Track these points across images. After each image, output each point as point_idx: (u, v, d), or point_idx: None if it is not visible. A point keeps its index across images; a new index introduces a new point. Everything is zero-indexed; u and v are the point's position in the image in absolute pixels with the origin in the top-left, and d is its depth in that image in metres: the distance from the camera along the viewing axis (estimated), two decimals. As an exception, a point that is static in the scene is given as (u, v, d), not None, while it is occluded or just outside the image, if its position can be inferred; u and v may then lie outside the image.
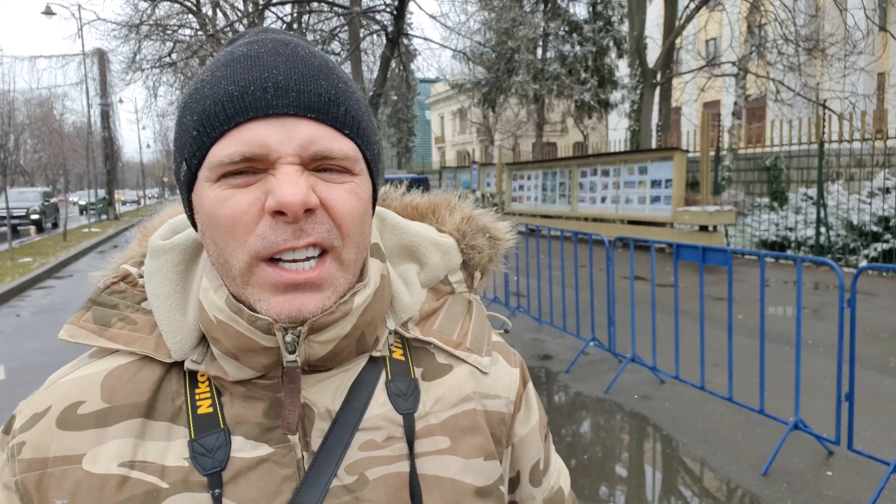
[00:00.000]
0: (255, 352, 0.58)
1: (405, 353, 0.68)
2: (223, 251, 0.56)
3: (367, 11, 10.99)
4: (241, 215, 0.55)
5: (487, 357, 0.70)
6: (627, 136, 17.76)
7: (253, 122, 0.55)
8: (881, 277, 9.16)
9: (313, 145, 0.56)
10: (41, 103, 38.35)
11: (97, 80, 30.24)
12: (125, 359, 0.63)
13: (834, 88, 15.46)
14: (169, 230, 0.67)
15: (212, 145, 0.56)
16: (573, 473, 3.65)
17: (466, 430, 0.66)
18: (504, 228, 0.77)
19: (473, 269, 0.75)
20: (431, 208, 0.77)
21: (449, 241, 0.73)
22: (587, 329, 5.80)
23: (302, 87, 0.56)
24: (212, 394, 0.61)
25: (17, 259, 13.63)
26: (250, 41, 0.59)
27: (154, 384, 0.61)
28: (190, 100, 0.58)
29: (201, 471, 0.58)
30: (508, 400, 0.70)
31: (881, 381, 4.92)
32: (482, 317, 0.74)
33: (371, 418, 0.63)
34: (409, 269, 0.71)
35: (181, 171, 0.59)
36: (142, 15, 13.95)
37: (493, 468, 0.67)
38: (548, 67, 21.84)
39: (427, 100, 47.38)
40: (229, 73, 0.56)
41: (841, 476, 3.48)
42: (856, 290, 3.31)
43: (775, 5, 14.99)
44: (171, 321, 0.62)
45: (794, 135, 13.00)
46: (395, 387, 0.65)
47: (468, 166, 20.84)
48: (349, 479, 0.60)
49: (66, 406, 0.60)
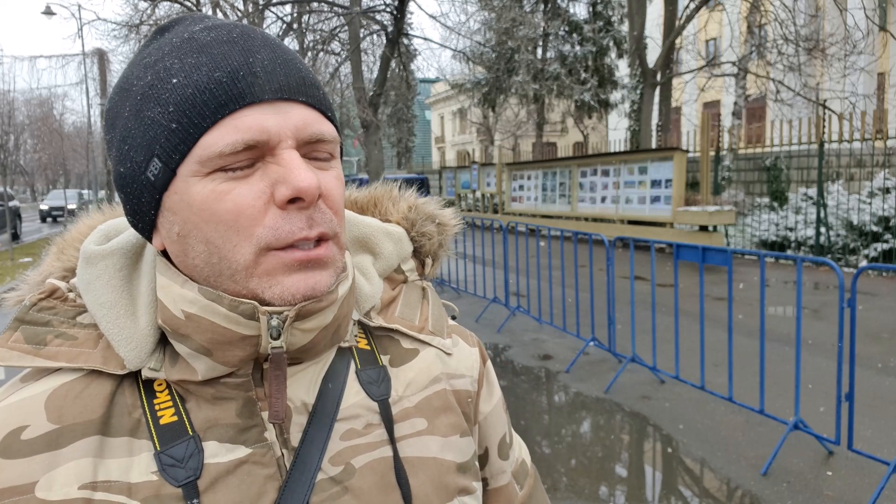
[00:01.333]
0: (232, 343, 0.55)
1: (369, 342, 0.68)
2: (221, 248, 0.53)
3: (367, 11, 10.99)
4: (245, 209, 0.53)
5: (449, 339, 0.72)
6: (627, 136, 17.76)
7: (248, 108, 0.52)
8: (881, 277, 9.16)
9: (308, 128, 0.55)
10: (41, 103, 38.36)
11: (97, 80, 30.23)
12: (68, 376, 0.58)
13: (834, 88, 15.47)
14: (101, 236, 0.63)
15: (200, 136, 0.52)
16: (573, 473, 3.65)
17: (440, 410, 0.67)
18: (450, 214, 0.78)
19: (424, 256, 0.76)
20: (372, 201, 0.78)
21: (399, 230, 0.74)
22: (587, 329, 5.80)
23: (287, 70, 0.55)
24: (174, 401, 0.58)
25: (17, 259, 13.63)
26: (208, 26, 0.56)
27: (106, 399, 0.57)
28: (152, 90, 0.53)
29: (174, 483, 0.54)
30: (472, 378, 0.73)
31: (881, 381, 4.92)
32: (438, 302, 0.76)
33: (348, 407, 0.62)
34: (364, 259, 0.71)
35: (149, 168, 0.54)
36: (142, 15, 13.95)
37: (468, 444, 0.69)
38: (548, 67, 21.84)
39: (427, 100, 47.37)
40: (206, 59, 0.53)
41: (841, 476, 3.48)
42: (856, 290, 3.31)
43: (775, 5, 14.99)
44: (121, 329, 0.58)
45: (794, 135, 12.99)
46: (367, 375, 0.65)
47: (468, 166, 20.81)
48: (335, 470, 0.59)
49: (7, 433, 0.54)
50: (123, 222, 0.65)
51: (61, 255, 0.66)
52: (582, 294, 6.23)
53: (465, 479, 0.67)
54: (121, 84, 0.57)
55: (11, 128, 22.31)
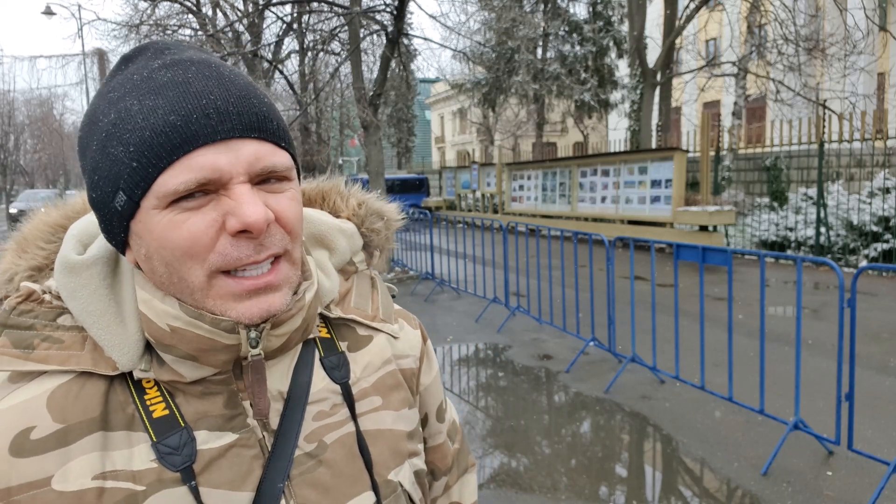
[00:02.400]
0: (216, 350, 0.62)
1: (329, 331, 0.76)
2: (178, 270, 0.59)
3: (367, 11, 10.98)
4: (199, 237, 0.57)
5: (396, 324, 0.82)
6: (627, 136, 17.76)
7: (201, 149, 0.57)
8: (881, 277, 9.16)
9: (259, 162, 0.60)
10: (41, 103, 38.37)
11: (97, 80, 30.24)
12: (59, 378, 0.61)
13: (834, 88, 15.47)
14: (77, 243, 0.66)
15: (157, 175, 0.57)
16: (573, 473, 3.65)
17: (392, 388, 0.78)
18: (394, 210, 0.86)
19: (373, 248, 0.84)
20: (320, 195, 0.84)
21: (350, 227, 0.81)
22: (587, 329, 5.79)
23: (240, 108, 0.59)
24: (164, 397, 0.64)
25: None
26: (167, 63, 0.60)
27: (101, 397, 0.62)
28: (115, 129, 0.57)
29: (172, 468, 0.61)
30: (415, 357, 0.83)
31: (881, 381, 4.92)
32: (385, 290, 0.85)
33: (316, 392, 0.71)
34: (321, 255, 0.78)
35: (115, 200, 0.58)
36: (142, 15, 13.94)
37: (414, 414, 0.80)
38: (548, 67, 21.83)
39: (427, 100, 47.37)
40: (162, 101, 0.57)
41: (841, 476, 3.48)
42: (856, 290, 3.31)
43: (775, 5, 14.98)
44: (112, 335, 0.62)
45: (794, 135, 13.00)
46: (329, 361, 0.73)
47: (468, 166, 20.81)
48: (310, 446, 0.68)
49: (16, 434, 0.58)
50: (93, 225, 0.67)
51: (23, 253, 0.69)
52: (582, 294, 6.23)
53: (413, 444, 0.78)
54: (89, 116, 0.61)
55: (11, 128, 22.33)
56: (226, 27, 14.17)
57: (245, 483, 0.64)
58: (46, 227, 0.70)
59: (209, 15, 15.84)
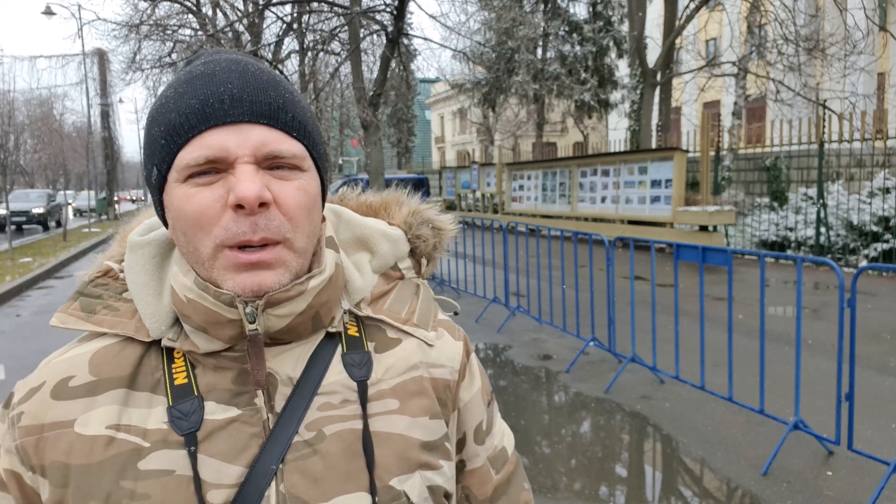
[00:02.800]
0: (222, 324, 0.67)
1: (359, 329, 0.77)
2: (192, 240, 0.65)
3: (367, 11, 10.98)
4: (206, 209, 0.64)
5: (433, 332, 0.80)
6: (627, 136, 17.75)
7: (213, 130, 0.64)
8: (881, 277, 9.16)
9: (265, 146, 0.65)
10: (41, 103, 38.31)
11: (97, 80, 30.23)
12: (110, 340, 0.72)
13: (834, 88, 15.46)
14: (145, 228, 0.77)
15: (178, 151, 0.65)
16: (573, 473, 3.65)
17: (414, 394, 0.76)
18: (447, 220, 0.87)
19: (420, 256, 0.85)
20: (383, 205, 0.87)
21: (397, 232, 0.83)
22: (587, 329, 5.80)
23: (254, 97, 0.65)
24: (186, 367, 0.70)
25: (17, 259, 13.63)
26: (206, 61, 0.68)
27: (136, 360, 0.70)
28: (157, 113, 0.67)
29: (178, 432, 0.66)
30: (453, 369, 0.80)
31: (881, 381, 4.92)
32: (429, 298, 0.84)
33: (328, 384, 0.72)
34: (361, 257, 0.81)
35: (152, 175, 0.68)
36: (142, 15, 13.93)
37: (438, 426, 0.77)
38: (548, 67, 21.83)
39: (427, 100, 47.36)
40: (190, 88, 0.66)
41: (841, 476, 3.48)
42: (856, 290, 3.31)
43: (775, 5, 14.98)
44: (148, 305, 0.71)
45: (794, 135, 12.99)
46: (351, 358, 0.74)
47: (468, 166, 20.80)
48: (309, 434, 0.69)
49: (59, 380, 0.69)
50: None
51: (123, 241, 0.79)
52: (582, 294, 6.23)
53: (429, 456, 0.75)
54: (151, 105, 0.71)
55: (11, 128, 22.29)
56: (226, 27, 14.17)
57: (240, 458, 0.67)
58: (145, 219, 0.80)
59: (209, 15, 15.84)
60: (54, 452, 0.66)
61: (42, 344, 6.76)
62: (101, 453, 0.66)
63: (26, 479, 0.68)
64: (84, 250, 16.05)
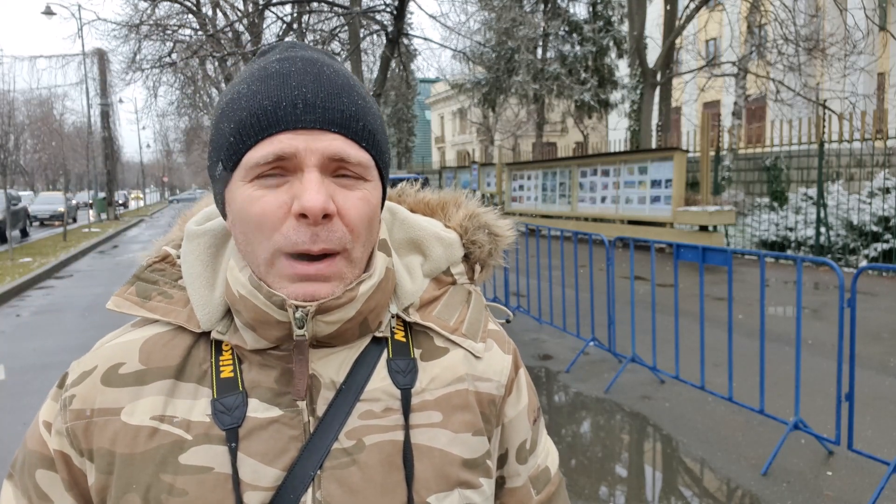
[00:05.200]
0: (270, 324, 0.66)
1: (407, 335, 0.75)
2: (251, 241, 0.65)
3: (367, 11, 10.98)
4: (269, 214, 0.63)
5: (482, 343, 0.77)
6: (627, 136, 17.75)
7: (283, 134, 0.63)
8: (881, 277, 9.16)
9: (334, 155, 0.64)
10: (41, 103, 38.36)
11: (97, 80, 30.20)
12: (162, 328, 0.72)
13: (834, 88, 15.46)
14: (204, 217, 0.77)
15: (246, 151, 0.64)
16: (573, 473, 3.65)
17: (457, 408, 0.73)
18: (505, 226, 0.84)
19: (474, 262, 0.82)
20: (441, 204, 0.85)
21: (452, 236, 0.80)
22: (587, 329, 5.79)
23: (327, 104, 0.64)
24: (234, 361, 0.70)
25: (17, 259, 13.63)
26: (282, 58, 0.67)
27: (185, 350, 0.70)
28: (227, 108, 0.66)
29: (221, 426, 0.66)
30: (500, 383, 0.77)
31: (881, 381, 4.92)
32: (480, 306, 0.80)
33: (371, 391, 0.70)
34: (413, 260, 0.78)
35: (217, 169, 0.67)
36: (142, 15, 13.95)
37: (480, 443, 0.74)
38: (548, 67, 21.82)
39: (427, 100, 47.35)
40: (264, 88, 0.64)
41: (841, 476, 3.48)
42: (856, 290, 3.31)
43: (775, 5, 14.98)
44: (201, 296, 0.71)
45: (794, 135, 13.00)
46: (396, 364, 0.72)
47: (468, 166, 20.82)
48: (348, 443, 0.68)
49: (110, 366, 0.70)
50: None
51: (182, 226, 0.79)
52: (582, 294, 6.23)
53: (469, 474, 0.72)
54: (220, 96, 0.71)
55: (11, 128, 22.31)
56: (226, 27, 14.18)
57: (278, 460, 0.66)
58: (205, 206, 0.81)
59: (209, 15, 15.84)
60: (101, 439, 0.67)
61: (42, 344, 6.76)
62: (144, 444, 0.66)
63: (75, 461, 0.69)
64: (84, 250, 16.04)
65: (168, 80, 17.41)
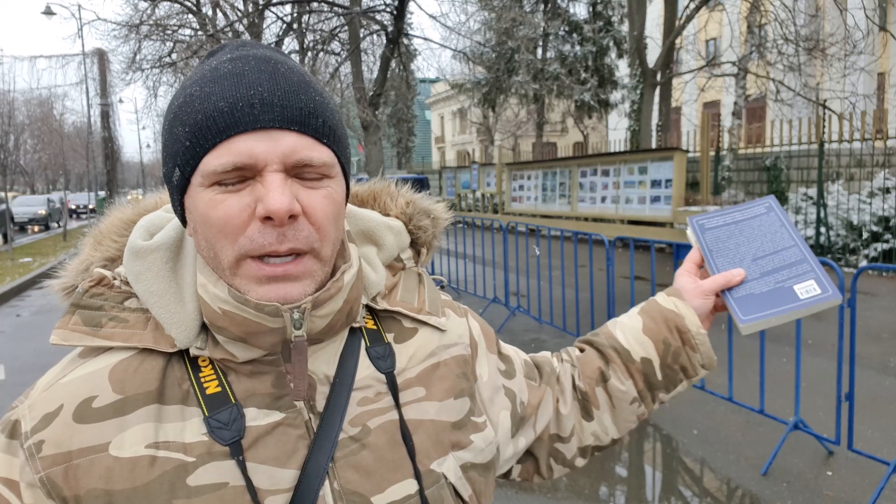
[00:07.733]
0: (262, 334, 0.65)
1: (375, 322, 0.78)
2: (214, 246, 0.63)
3: (367, 11, 10.98)
4: (232, 218, 0.62)
5: (444, 317, 0.83)
6: (627, 136, 17.74)
7: (242, 135, 0.61)
8: (881, 277, 9.16)
9: (295, 154, 0.63)
10: (41, 103, 38.31)
11: (97, 80, 30.18)
12: (122, 354, 0.68)
13: (834, 88, 15.45)
14: (145, 232, 0.73)
15: (204, 155, 0.62)
16: (573, 473, 3.65)
17: (436, 378, 0.78)
18: (442, 209, 0.89)
19: (420, 246, 0.87)
20: (371, 196, 0.87)
21: (398, 224, 0.84)
22: (587, 329, 5.79)
23: (285, 102, 0.63)
24: (217, 375, 0.68)
25: (17, 259, 13.63)
26: (234, 57, 0.66)
27: (160, 373, 0.67)
28: (180, 112, 0.64)
29: (221, 442, 0.65)
30: (465, 344, 0.84)
31: (881, 381, 4.92)
32: (432, 285, 0.87)
33: (361, 379, 0.73)
34: (369, 250, 0.80)
35: (174, 175, 0.65)
36: (142, 15, 13.93)
37: (462, 404, 0.79)
38: (548, 67, 21.81)
39: (427, 100, 47.35)
40: (218, 89, 0.62)
41: (841, 476, 3.48)
42: (856, 290, 3.31)
43: (775, 5, 14.97)
44: (172, 314, 0.67)
45: (794, 135, 12.97)
46: (375, 351, 0.76)
47: (468, 166, 20.79)
48: (354, 430, 0.70)
49: (80, 402, 0.65)
50: (161, 218, 0.75)
51: (99, 245, 0.75)
52: (582, 294, 6.22)
53: (459, 435, 0.77)
54: (170, 100, 0.69)
55: (11, 128, 22.30)
56: (226, 27, 14.17)
57: (290, 461, 0.66)
58: (120, 223, 0.77)
59: (209, 15, 15.82)
60: (90, 480, 0.62)
61: (42, 344, 6.76)
62: (146, 474, 0.63)
63: None
64: (84, 250, 16.03)
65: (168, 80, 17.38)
